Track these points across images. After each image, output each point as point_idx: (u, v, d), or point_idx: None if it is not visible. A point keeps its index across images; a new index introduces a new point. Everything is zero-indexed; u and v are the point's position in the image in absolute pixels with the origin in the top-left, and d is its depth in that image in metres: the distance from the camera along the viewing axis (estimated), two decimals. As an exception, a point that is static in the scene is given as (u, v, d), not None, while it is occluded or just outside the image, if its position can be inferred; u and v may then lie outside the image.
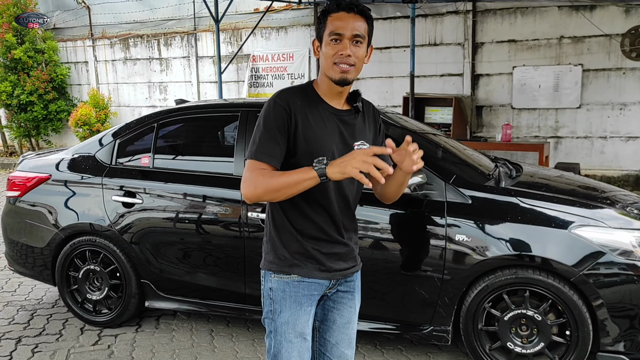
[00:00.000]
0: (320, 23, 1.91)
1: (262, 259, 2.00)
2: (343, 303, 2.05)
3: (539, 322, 3.01)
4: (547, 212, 3.05)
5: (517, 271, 3.01)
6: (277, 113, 1.83)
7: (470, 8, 8.51)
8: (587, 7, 7.84)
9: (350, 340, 2.09)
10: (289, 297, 1.93)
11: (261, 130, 1.84)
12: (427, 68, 8.87)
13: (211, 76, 10.91)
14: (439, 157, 3.62)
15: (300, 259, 1.92)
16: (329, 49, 1.86)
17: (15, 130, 11.76)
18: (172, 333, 3.81)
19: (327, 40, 1.87)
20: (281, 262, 1.93)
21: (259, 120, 1.87)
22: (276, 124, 1.82)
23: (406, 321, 3.27)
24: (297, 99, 1.87)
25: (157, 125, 3.82)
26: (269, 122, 1.83)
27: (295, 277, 1.92)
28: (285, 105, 1.84)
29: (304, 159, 1.82)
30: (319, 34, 1.92)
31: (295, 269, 1.92)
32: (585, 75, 7.99)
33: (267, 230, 1.99)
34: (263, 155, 1.81)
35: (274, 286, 1.94)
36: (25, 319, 4.06)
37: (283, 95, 1.88)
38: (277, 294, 1.94)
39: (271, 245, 1.96)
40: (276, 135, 1.82)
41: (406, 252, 3.20)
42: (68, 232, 3.85)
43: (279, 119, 1.82)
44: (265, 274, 1.97)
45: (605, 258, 2.90)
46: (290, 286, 1.93)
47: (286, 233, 1.92)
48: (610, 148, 8.04)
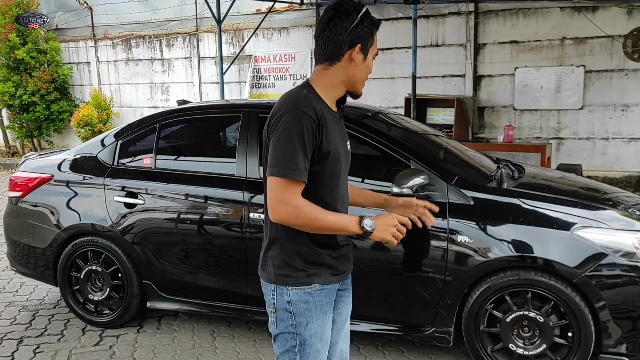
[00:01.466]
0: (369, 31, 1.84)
1: (268, 272, 1.90)
2: (341, 302, 2.05)
3: (541, 324, 3.01)
4: (549, 214, 3.05)
5: (519, 272, 3.00)
6: (308, 125, 1.73)
7: (472, 9, 8.50)
8: (589, 8, 7.83)
9: (346, 336, 2.12)
10: (314, 307, 1.87)
11: (294, 144, 1.72)
12: (428, 69, 8.86)
13: (213, 77, 10.91)
14: (440, 158, 3.62)
15: (318, 268, 1.88)
16: (370, 65, 1.88)
17: (18, 130, 11.78)
18: (173, 334, 3.81)
19: (372, 56, 1.88)
20: (298, 274, 1.86)
21: (287, 131, 1.73)
22: (307, 137, 1.73)
23: (408, 322, 3.26)
24: (317, 106, 1.80)
25: (159, 126, 3.83)
26: (301, 135, 1.72)
27: (316, 287, 1.87)
28: (314, 115, 1.75)
29: (322, 166, 1.81)
30: (365, 44, 1.84)
31: (316, 278, 1.87)
32: (588, 76, 7.98)
33: (275, 243, 1.89)
34: (298, 173, 1.73)
35: (293, 299, 1.86)
36: (27, 320, 4.06)
37: (307, 104, 1.76)
38: (300, 306, 1.86)
39: (283, 258, 1.86)
40: (307, 150, 1.74)
41: (408, 253, 3.19)
42: (70, 233, 3.85)
43: (309, 132, 1.73)
44: (278, 289, 1.87)
45: (607, 259, 2.90)
46: (313, 296, 1.87)
47: (301, 245, 1.85)
48: (612, 149, 8.03)
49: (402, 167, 3.20)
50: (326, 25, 1.83)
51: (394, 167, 3.26)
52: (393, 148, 3.31)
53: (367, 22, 1.84)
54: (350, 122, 3.45)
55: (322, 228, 1.79)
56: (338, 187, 1.91)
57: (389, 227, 1.84)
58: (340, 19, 1.81)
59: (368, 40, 1.84)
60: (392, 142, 3.36)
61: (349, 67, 1.85)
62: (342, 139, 1.92)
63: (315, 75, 1.90)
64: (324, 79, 1.88)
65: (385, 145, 3.33)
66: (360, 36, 1.83)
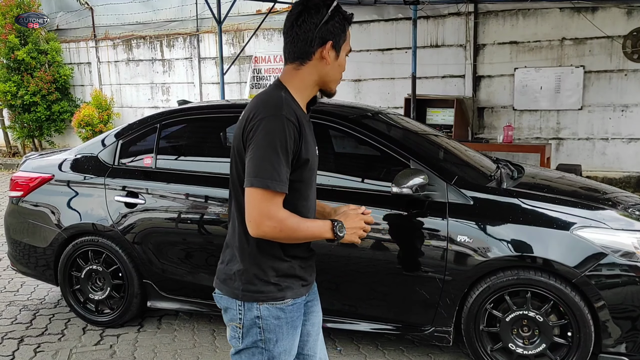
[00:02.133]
0: (339, 26, 1.73)
1: (234, 288, 1.77)
2: (312, 312, 1.96)
3: (540, 323, 3.02)
4: (548, 213, 3.06)
5: (519, 272, 3.01)
6: (290, 132, 1.63)
7: (472, 10, 8.51)
8: (588, 9, 7.84)
9: (322, 344, 2.04)
10: (285, 323, 1.77)
11: (276, 152, 1.61)
12: (428, 69, 8.87)
13: (213, 77, 10.92)
14: (440, 158, 3.63)
15: (290, 281, 1.78)
16: (343, 63, 1.78)
17: (19, 130, 11.78)
18: (174, 333, 3.82)
19: (345, 53, 1.79)
20: (270, 288, 1.75)
21: (268, 139, 1.61)
22: (289, 145, 1.63)
23: (407, 322, 3.27)
24: (298, 111, 1.70)
25: (160, 125, 3.84)
26: (283, 143, 1.61)
27: (289, 302, 1.77)
28: (295, 121, 1.65)
29: (300, 174, 1.72)
30: (336, 41, 1.74)
31: (288, 292, 1.77)
32: (587, 76, 7.98)
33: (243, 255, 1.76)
34: (284, 185, 1.63)
35: (264, 314, 1.75)
36: (27, 319, 4.07)
37: (288, 109, 1.65)
38: (270, 322, 1.75)
39: (254, 272, 1.74)
40: (288, 158, 1.64)
41: (408, 252, 3.20)
42: (71, 232, 3.86)
43: (291, 139, 1.63)
44: (246, 304, 1.75)
45: (607, 259, 2.91)
46: (285, 312, 1.77)
47: (274, 257, 1.75)
48: (611, 149, 8.03)
49: (401, 167, 3.21)
50: (295, 22, 1.71)
51: (393, 167, 3.27)
52: (393, 148, 3.32)
53: (339, 17, 1.72)
54: (350, 122, 3.47)
55: (300, 238, 1.72)
56: (311, 196, 1.84)
57: (356, 230, 1.81)
58: (309, 15, 1.69)
59: (340, 37, 1.73)
60: (392, 142, 3.37)
61: (321, 66, 1.74)
62: (314, 144, 1.83)
63: (287, 75, 1.77)
64: (296, 80, 1.75)
65: (385, 145, 3.34)
66: (332, 32, 1.72)
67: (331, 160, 3.62)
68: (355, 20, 9.50)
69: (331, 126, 3.50)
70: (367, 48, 9.36)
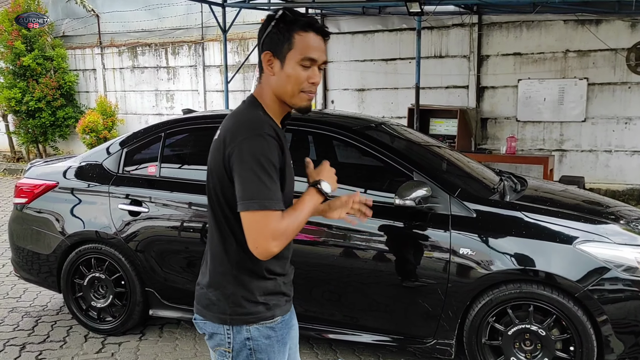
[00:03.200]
0: (282, 35, 1.65)
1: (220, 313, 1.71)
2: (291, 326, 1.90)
3: (542, 337, 3.01)
4: (551, 227, 3.06)
5: (522, 286, 3.01)
6: (273, 149, 1.60)
7: (476, 21, 8.55)
8: (592, 21, 7.87)
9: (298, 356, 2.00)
10: (276, 342, 1.75)
11: (265, 172, 1.57)
12: (432, 80, 8.90)
13: (218, 85, 10.97)
14: (443, 170, 3.64)
15: (277, 298, 1.76)
16: (299, 73, 1.65)
17: (23, 136, 11.84)
18: (175, 342, 3.82)
19: (295, 61, 1.64)
20: (259, 308, 1.71)
21: (254, 160, 1.57)
22: (274, 162, 1.60)
23: (409, 334, 3.27)
24: (273, 125, 1.67)
25: (165, 134, 3.86)
26: (270, 161, 1.59)
27: (278, 320, 1.75)
28: (276, 137, 1.63)
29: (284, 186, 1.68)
30: (276, 50, 1.66)
31: (277, 310, 1.75)
32: (591, 89, 8.00)
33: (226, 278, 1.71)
34: (280, 202, 1.59)
35: (254, 335, 1.71)
36: (29, 326, 4.07)
37: (267, 127, 1.63)
38: (261, 342, 1.72)
39: (241, 295, 1.70)
40: (277, 175, 1.62)
41: (410, 264, 3.20)
42: (74, 240, 3.87)
43: (275, 157, 1.61)
44: (235, 328, 1.71)
45: (609, 274, 2.90)
46: (275, 330, 1.74)
47: (258, 276, 1.71)
48: (615, 162, 8.03)
49: (405, 179, 3.21)
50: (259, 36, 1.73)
51: (396, 179, 3.28)
52: (396, 159, 3.33)
53: (281, 25, 1.65)
54: (353, 133, 3.48)
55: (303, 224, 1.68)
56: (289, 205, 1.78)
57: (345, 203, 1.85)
58: (262, 28, 1.71)
59: (282, 45, 1.65)
60: (395, 154, 3.38)
61: (269, 78, 1.69)
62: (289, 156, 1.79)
63: (258, 89, 1.75)
64: (263, 94, 1.73)
65: (388, 156, 3.35)
66: (272, 41, 1.67)
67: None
68: (360, 30, 9.60)
69: (335, 137, 3.52)
70: (371, 58, 9.41)
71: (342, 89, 9.80)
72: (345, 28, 9.57)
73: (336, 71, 9.76)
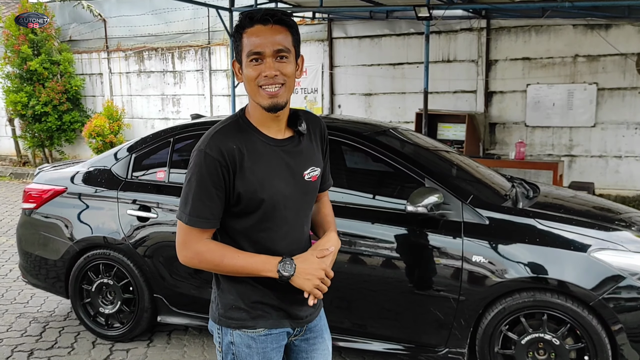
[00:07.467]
0: (236, 41, 1.64)
1: (213, 312, 1.78)
2: (314, 350, 1.85)
3: (556, 347, 2.96)
4: (565, 235, 3.02)
5: (535, 294, 2.96)
6: (211, 167, 1.58)
7: (485, 25, 8.52)
8: (602, 26, 7.82)
9: None
10: (256, 353, 1.71)
11: (193, 187, 1.60)
12: (440, 84, 8.87)
13: (224, 89, 10.98)
14: (455, 176, 3.60)
15: (263, 309, 1.71)
16: (250, 71, 1.60)
17: (29, 140, 11.87)
18: (183, 349, 3.79)
19: (246, 61, 1.61)
20: (242, 315, 1.70)
21: (189, 173, 1.62)
22: (210, 180, 1.59)
23: (420, 342, 3.22)
24: (231, 143, 1.61)
25: (173, 140, 3.84)
26: (202, 178, 1.59)
27: (261, 331, 1.71)
28: (219, 156, 1.58)
29: (250, 205, 1.64)
30: (237, 56, 1.65)
31: (260, 322, 1.70)
32: (600, 94, 7.95)
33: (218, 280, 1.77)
34: (199, 221, 1.61)
35: (236, 340, 1.71)
36: (37, 332, 4.05)
37: (214, 144, 1.60)
38: (242, 350, 1.71)
39: (229, 297, 1.72)
40: (211, 192, 1.60)
41: (421, 271, 3.17)
42: (82, 245, 3.86)
43: (213, 174, 1.59)
44: (222, 329, 1.74)
45: (625, 282, 2.86)
46: (256, 342, 1.70)
47: (243, 284, 1.70)
48: (625, 167, 7.97)
49: (416, 185, 3.18)
50: None
51: (407, 185, 3.24)
52: (407, 165, 3.30)
53: (235, 33, 1.64)
54: (363, 139, 3.45)
55: (231, 272, 1.67)
56: (275, 227, 1.69)
57: (312, 278, 1.64)
58: None
59: (238, 50, 1.64)
60: (407, 160, 3.35)
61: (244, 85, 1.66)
62: (286, 169, 1.69)
63: None
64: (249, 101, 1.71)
65: (399, 162, 3.32)
66: (235, 50, 1.67)
67: (344, 177, 3.60)
68: (367, 34, 9.59)
69: (345, 142, 3.49)
70: (378, 62, 9.39)
71: (349, 94, 9.78)
72: (352, 32, 9.56)
73: (343, 75, 9.74)
